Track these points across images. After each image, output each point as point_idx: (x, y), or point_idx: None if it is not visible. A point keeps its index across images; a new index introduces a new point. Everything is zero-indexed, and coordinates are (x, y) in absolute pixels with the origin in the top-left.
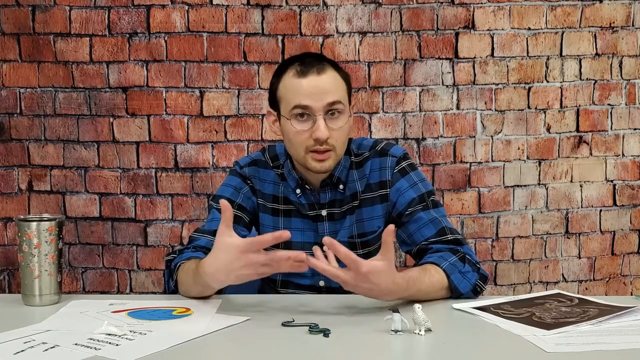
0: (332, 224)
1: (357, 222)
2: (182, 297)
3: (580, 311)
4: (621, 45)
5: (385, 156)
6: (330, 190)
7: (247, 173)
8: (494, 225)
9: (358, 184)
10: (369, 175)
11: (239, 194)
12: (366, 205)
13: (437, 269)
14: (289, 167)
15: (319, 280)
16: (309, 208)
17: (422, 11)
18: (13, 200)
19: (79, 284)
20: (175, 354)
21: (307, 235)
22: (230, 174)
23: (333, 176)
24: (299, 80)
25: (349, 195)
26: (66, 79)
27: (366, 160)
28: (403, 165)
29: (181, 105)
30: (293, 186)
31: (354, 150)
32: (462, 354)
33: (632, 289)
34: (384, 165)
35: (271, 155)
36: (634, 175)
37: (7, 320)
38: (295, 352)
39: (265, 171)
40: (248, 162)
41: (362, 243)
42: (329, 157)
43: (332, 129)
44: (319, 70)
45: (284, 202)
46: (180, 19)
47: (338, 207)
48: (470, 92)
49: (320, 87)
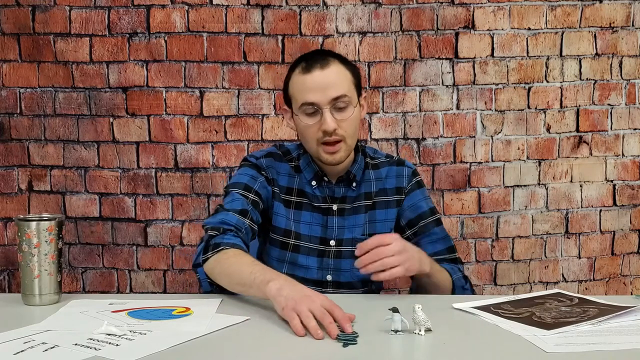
0: (340, 219)
1: (370, 222)
2: (182, 297)
3: (580, 311)
4: (621, 45)
5: (402, 166)
6: (344, 185)
7: (264, 164)
8: (494, 225)
9: (373, 184)
10: (385, 180)
11: (255, 181)
12: (380, 208)
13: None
14: (308, 160)
15: (326, 275)
16: (321, 201)
17: (422, 11)
18: (13, 200)
19: (79, 284)
20: (175, 354)
21: (314, 229)
22: (243, 166)
23: (350, 172)
24: (304, 77)
25: (362, 193)
26: (66, 79)
27: (382, 165)
28: (419, 179)
29: (181, 105)
30: (309, 178)
31: (370, 154)
32: (462, 354)
33: (632, 289)
34: (402, 173)
35: (283, 150)
36: (634, 175)
37: (7, 320)
38: (295, 352)
39: (281, 164)
40: (264, 154)
41: None
42: (339, 148)
43: (340, 120)
44: (322, 65)
45: (298, 195)
46: (180, 19)
47: (349, 204)
48: (470, 92)
49: (324, 82)
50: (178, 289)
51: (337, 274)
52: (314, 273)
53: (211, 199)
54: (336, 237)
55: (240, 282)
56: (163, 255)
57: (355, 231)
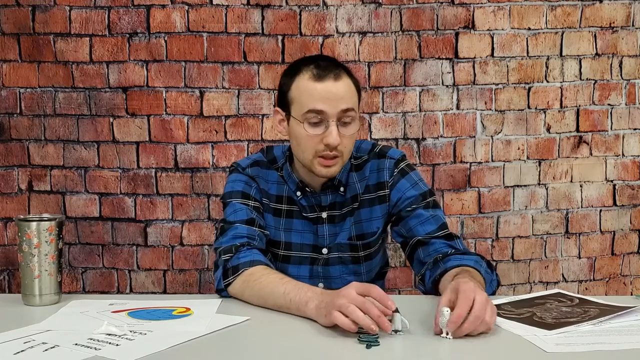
0: (331, 227)
1: (356, 223)
2: (182, 297)
3: (580, 311)
4: (621, 45)
5: (384, 158)
6: (331, 192)
7: (251, 174)
8: (494, 225)
9: (358, 186)
10: (368, 177)
11: (250, 187)
12: (365, 207)
13: (478, 274)
14: (289, 170)
15: (318, 283)
16: (309, 210)
17: (422, 11)
18: (13, 200)
19: (79, 284)
20: (175, 354)
21: (306, 237)
22: (233, 173)
23: (334, 179)
24: (315, 84)
25: (349, 197)
26: (66, 79)
27: (365, 163)
28: (402, 166)
29: (181, 105)
30: (293, 189)
31: (354, 154)
32: (463, 354)
33: (632, 289)
34: (382, 166)
35: (269, 158)
36: (634, 175)
37: (7, 320)
38: (295, 351)
39: (269, 172)
40: (249, 163)
41: (363, 245)
42: (335, 163)
43: (343, 135)
44: (336, 76)
45: (288, 202)
46: (180, 19)
47: (338, 210)
48: (470, 92)
49: (336, 93)
50: (178, 289)
51: (328, 282)
52: (306, 282)
53: (211, 199)
54: (328, 245)
55: (275, 304)
56: (163, 255)
57: (341, 236)
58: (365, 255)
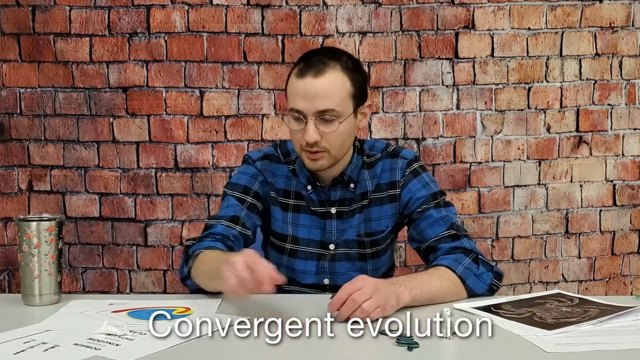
0: (339, 223)
1: (365, 221)
2: (182, 297)
3: (580, 311)
4: (621, 45)
5: (397, 158)
6: (341, 188)
7: (260, 167)
8: (494, 225)
9: (369, 183)
10: (379, 176)
11: (255, 181)
12: (375, 205)
13: (450, 273)
14: (301, 164)
15: (324, 279)
16: (318, 205)
17: (422, 11)
18: (13, 200)
19: (79, 284)
20: (175, 354)
21: (314, 233)
22: (244, 164)
23: (344, 174)
24: (297, 82)
25: (359, 194)
26: (66, 79)
27: (377, 161)
28: (415, 167)
29: (181, 105)
30: (304, 182)
31: (367, 151)
32: (462, 354)
33: (632, 289)
34: (395, 166)
35: (283, 151)
36: (634, 175)
37: (7, 320)
38: (295, 352)
39: (278, 166)
40: (260, 156)
41: (370, 242)
42: (321, 157)
43: (324, 132)
44: (316, 73)
45: (295, 197)
46: (180, 19)
47: (347, 206)
48: (470, 92)
49: (313, 91)
50: (178, 289)
51: (334, 277)
52: (312, 277)
53: (211, 199)
54: (335, 241)
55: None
56: (163, 255)
57: (349, 232)
58: (372, 253)
